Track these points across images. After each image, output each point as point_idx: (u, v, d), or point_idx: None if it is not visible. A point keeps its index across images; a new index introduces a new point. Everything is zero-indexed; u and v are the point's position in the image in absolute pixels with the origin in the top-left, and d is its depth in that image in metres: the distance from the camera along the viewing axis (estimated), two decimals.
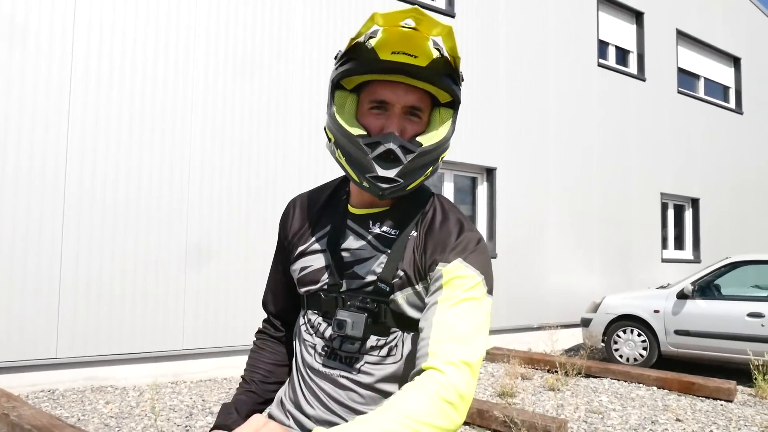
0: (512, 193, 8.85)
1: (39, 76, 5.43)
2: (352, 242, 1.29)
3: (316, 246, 1.33)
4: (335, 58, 1.24)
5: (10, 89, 5.30)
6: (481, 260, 1.19)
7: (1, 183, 5.23)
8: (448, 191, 8.47)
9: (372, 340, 1.24)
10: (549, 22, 9.58)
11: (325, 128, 1.27)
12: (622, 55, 11.25)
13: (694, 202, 12.21)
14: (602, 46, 10.68)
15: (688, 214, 12.27)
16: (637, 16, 11.30)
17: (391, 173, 1.15)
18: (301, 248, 1.36)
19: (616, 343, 7.88)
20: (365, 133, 1.20)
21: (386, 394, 1.25)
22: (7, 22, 5.32)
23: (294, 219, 1.41)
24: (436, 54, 1.17)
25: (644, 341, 7.63)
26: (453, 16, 8.35)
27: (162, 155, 6.01)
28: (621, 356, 7.80)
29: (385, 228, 1.27)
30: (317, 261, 1.31)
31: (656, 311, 7.58)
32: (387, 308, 1.23)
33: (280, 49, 6.80)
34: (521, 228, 8.91)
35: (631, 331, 7.76)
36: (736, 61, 13.67)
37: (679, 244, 12.14)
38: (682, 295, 7.47)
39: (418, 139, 1.20)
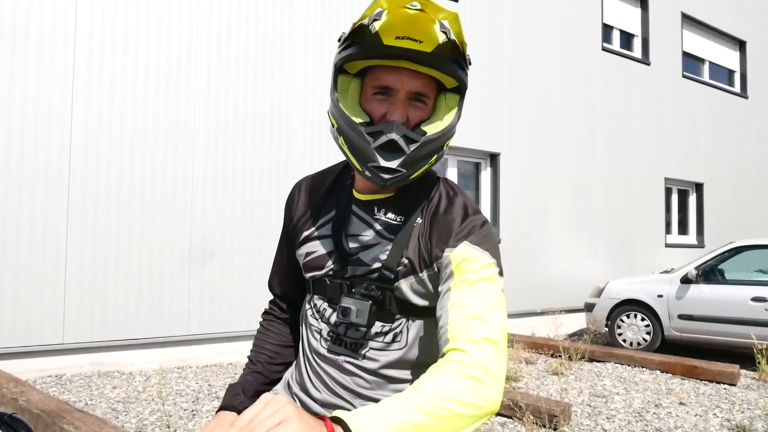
0: (516, 178, 8.83)
1: (42, 70, 5.43)
2: (357, 228, 1.28)
3: (321, 231, 1.32)
4: (339, 40, 1.21)
5: (14, 83, 5.30)
6: (488, 242, 1.18)
7: (7, 173, 5.24)
8: (451, 176, 8.45)
9: (377, 327, 1.24)
10: (553, 6, 9.51)
11: (328, 113, 1.25)
12: (627, 38, 11.17)
13: (698, 187, 12.18)
14: (606, 29, 10.61)
15: (692, 199, 12.24)
16: (642, 0, 11.21)
17: (394, 164, 1.13)
18: (306, 233, 1.35)
19: (619, 327, 7.90)
20: (368, 120, 1.18)
21: (391, 380, 1.26)
22: (11, 19, 5.30)
23: (299, 203, 1.40)
24: (442, 38, 1.13)
25: (648, 326, 7.65)
26: (456, 1, 8.29)
27: (165, 144, 6.01)
28: (624, 341, 7.82)
29: (390, 215, 1.26)
30: (322, 246, 1.31)
31: (660, 296, 7.59)
32: (392, 295, 1.23)
33: (282, 47, 6.77)
34: (525, 213, 8.91)
35: (635, 316, 7.78)
36: (741, 45, 13.56)
37: (683, 229, 12.13)
38: (685, 280, 7.48)
39: (422, 126, 1.18)
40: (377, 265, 1.23)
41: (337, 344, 1.28)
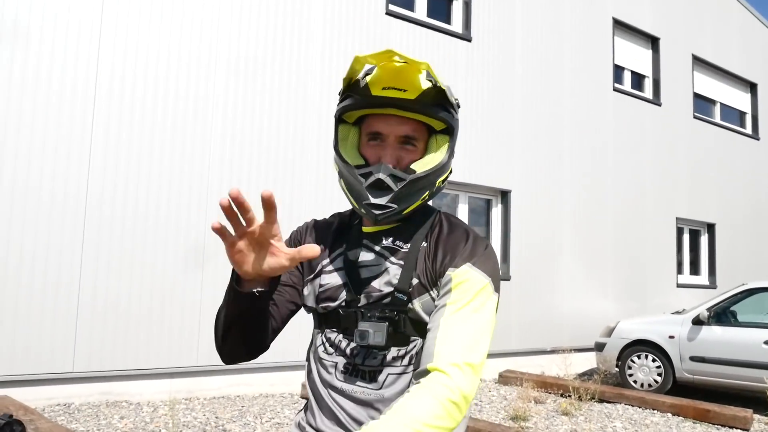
0: (527, 215, 8.85)
1: (64, 89, 5.57)
2: (367, 257, 1.34)
3: (334, 264, 1.38)
4: (339, 94, 1.34)
5: (37, 104, 5.44)
6: (488, 264, 1.27)
7: (24, 203, 5.34)
8: (462, 212, 8.50)
9: (393, 351, 1.27)
10: (565, 47, 9.65)
11: (334, 160, 1.38)
12: (638, 79, 11.29)
13: (710, 227, 12.13)
14: (618, 70, 10.73)
15: (704, 239, 12.19)
16: (653, 42, 11.35)
17: (383, 200, 1.25)
18: (319, 266, 1.39)
19: (630, 368, 7.81)
20: (363, 162, 1.31)
21: None
22: (36, 35, 5.47)
23: (308, 237, 1.47)
24: (426, 86, 1.24)
25: (659, 367, 7.56)
26: (469, 40, 8.45)
27: (181, 173, 6.10)
28: (635, 381, 7.73)
29: (398, 242, 1.34)
30: (335, 279, 1.35)
31: (671, 337, 7.52)
32: (406, 317, 1.27)
33: (300, 54, 6.92)
34: (535, 250, 8.91)
35: (646, 357, 7.70)
36: (752, 87, 13.65)
37: (695, 269, 12.05)
38: (697, 321, 7.41)
39: (413, 166, 1.30)
40: (389, 289, 1.29)
41: (354, 375, 1.29)
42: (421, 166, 1.29)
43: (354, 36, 7.35)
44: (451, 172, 1.38)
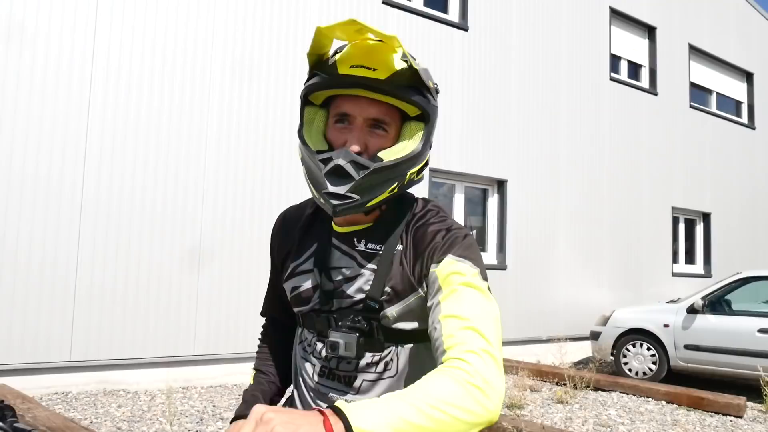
0: (523, 205, 8.87)
1: (60, 84, 5.55)
2: (338, 261, 1.28)
3: (304, 266, 1.32)
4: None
5: (32, 99, 5.42)
6: (470, 253, 1.17)
7: (21, 191, 5.33)
8: (458, 202, 8.51)
9: (367, 357, 1.23)
10: (561, 36, 9.63)
11: (298, 147, 1.27)
12: (635, 69, 11.28)
13: (706, 217, 12.17)
14: (614, 60, 10.72)
15: (699, 229, 12.23)
16: (650, 31, 11.34)
17: (342, 189, 1.12)
18: (290, 267, 1.35)
19: (625, 356, 7.87)
20: (326, 148, 1.20)
21: None
22: (31, 29, 5.44)
23: (281, 238, 1.42)
24: (400, 66, 1.14)
25: (654, 355, 7.61)
26: (466, 30, 8.43)
27: (177, 163, 6.10)
28: (630, 370, 7.78)
29: (370, 245, 1.26)
30: (306, 281, 1.31)
31: (666, 325, 7.56)
32: (378, 324, 1.22)
33: (296, 53, 6.90)
34: (532, 240, 8.93)
35: (641, 345, 7.75)
36: (748, 76, 13.65)
37: (690, 259, 12.10)
38: (692, 310, 7.46)
39: (380, 153, 1.17)
40: (361, 296, 1.23)
41: (330, 379, 1.28)
42: (389, 155, 1.17)
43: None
44: (426, 163, 1.25)
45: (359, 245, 1.26)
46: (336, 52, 1.18)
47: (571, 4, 9.81)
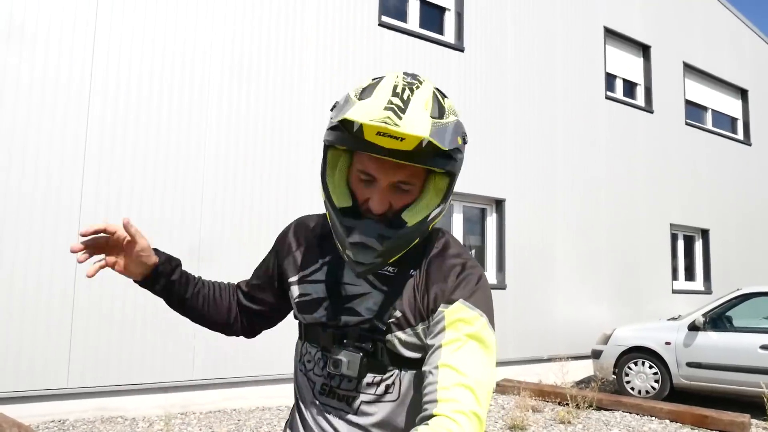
0: (521, 224, 8.87)
1: (59, 89, 5.57)
2: (350, 278, 1.27)
3: (316, 276, 1.33)
4: (331, 109, 1.22)
5: (31, 105, 5.43)
6: (483, 299, 1.18)
7: (17, 213, 5.31)
8: (456, 222, 8.51)
9: (368, 378, 1.23)
10: (557, 56, 9.71)
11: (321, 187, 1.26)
12: (630, 87, 11.36)
13: (704, 233, 12.17)
14: (610, 78, 10.79)
15: (698, 245, 12.23)
16: (644, 50, 11.43)
17: (367, 259, 1.16)
18: (300, 273, 1.36)
19: (627, 375, 7.81)
20: (350, 204, 1.20)
21: None
22: (30, 35, 5.47)
23: (294, 240, 1.42)
24: (425, 135, 1.09)
25: (656, 373, 7.56)
26: (462, 50, 8.49)
27: (175, 185, 6.09)
28: (632, 388, 7.72)
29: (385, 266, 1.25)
30: (315, 291, 1.31)
31: (667, 343, 7.52)
32: (383, 347, 1.22)
33: (294, 56, 6.95)
34: (530, 259, 8.91)
35: (643, 363, 7.70)
36: (743, 93, 13.75)
37: (690, 275, 12.08)
38: (693, 327, 7.42)
39: (403, 215, 1.18)
40: (369, 315, 1.23)
41: (330, 397, 1.28)
42: (413, 217, 1.17)
43: (347, 48, 7.38)
44: (444, 210, 1.23)
45: None
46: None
47: (565, 24, 9.90)
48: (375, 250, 1.14)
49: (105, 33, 5.87)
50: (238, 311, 1.54)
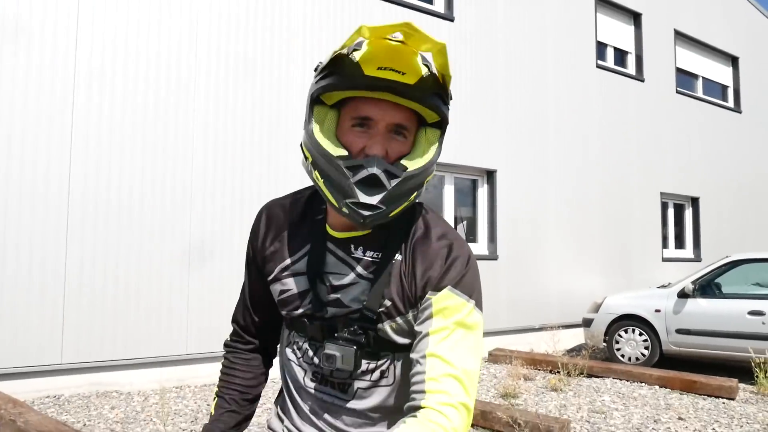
0: (513, 194, 8.88)
1: (44, 83, 5.48)
2: (334, 267, 1.23)
3: (296, 268, 1.27)
4: (315, 69, 1.16)
5: (15, 97, 5.35)
6: (470, 282, 1.16)
7: (6, 191, 5.27)
8: (448, 193, 8.50)
9: (363, 365, 1.21)
10: (547, 24, 9.62)
11: (301, 145, 1.19)
12: (621, 56, 11.29)
13: (694, 201, 12.24)
14: (601, 47, 10.72)
15: (688, 213, 12.30)
16: (635, 17, 11.34)
17: (374, 200, 1.08)
18: (278, 268, 1.29)
19: (617, 342, 7.91)
20: (346, 153, 1.11)
21: (379, 420, 1.25)
22: (12, 28, 5.37)
23: (266, 233, 1.34)
24: (424, 71, 1.10)
25: (646, 340, 7.66)
26: (452, 20, 8.39)
27: (165, 159, 6.04)
28: (623, 356, 7.82)
29: (368, 252, 1.21)
30: (297, 284, 1.26)
31: (657, 310, 7.60)
32: (375, 335, 1.19)
33: (281, 53, 6.85)
34: (522, 229, 8.94)
35: (633, 331, 7.79)
36: (734, 61, 13.71)
37: (680, 243, 12.17)
38: (683, 294, 7.50)
39: (403, 161, 1.12)
40: (357, 306, 1.19)
41: (323, 384, 1.26)
42: (413, 163, 1.12)
43: (336, 17, 7.27)
44: (434, 170, 1.22)
45: (356, 252, 1.22)
46: (354, 49, 1.08)
47: None
48: (384, 186, 1.08)
49: (88, 27, 5.74)
50: (265, 355, 1.50)
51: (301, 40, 7.01)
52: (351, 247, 1.22)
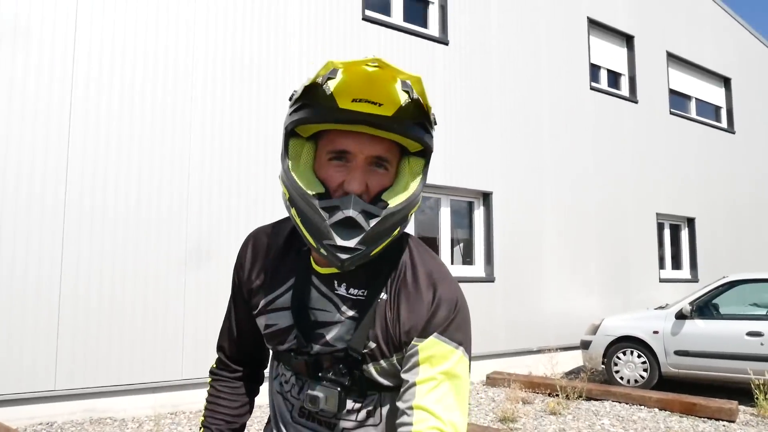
0: (509, 216, 8.89)
1: (41, 91, 5.50)
2: (318, 303, 1.19)
3: (280, 302, 1.23)
4: (290, 99, 1.10)
5: (12, 97, 5.36)
6: (458, 327, 1.12)
7: (2, 210, 5.24)
8: (444, 215, 8.51)
9: (348, 404, 1.18)
10: (541, 47, 9.71)
11: (280, 178, 1.13)
12: (614, 78, 11.39)
13: (690, 222, 12.27)
14: (594, 69, 10.82)
15: (685, 234, 12.31)
16: (628, 40, 11.47)
17: (352, 242, 1.02)
18: (263, 302, 1.25)
19: (616, 364, 7.86)
20: (323, 190, 1.06)
21: None
22: (10, 29, 5.39)
23: (251, 264, 1.30)
24: (404, 98, 1.00)
25: (644, 362, 7.61)
26: (446, 44, 8.47)
27: (161, 175, 6.04)
28: (622, 378, 7.77)
29: (352, 290, 1.16)
30: (282, 319, 1.22)
31: (655, 332, 7.57)
32: (361, 375, 1.16)
33: (278, 53, 6.91)
34: (518, 251, 8.94)
35: (631, 353, 7.75)
36: (726, 81, 13.84)
37: (677, 264, 12.17)
38: (680, 316, 7.48)
39: (384, 196, 1.07)
40: (342, 345, 1.16)
41: (309, 420, 1.24)
42: (395, 198, 1.06)
43: (331, 42, 7.34)
44: (420, 201, 1.15)
45: (339, 289, 1.17)
46: (328, 78, 0.99)
47: (549, 15, 9.91)
48: (362, 228, 1.02)
49: (86, 30, 5.79)
50: (252, 382, 1.48)
51: (297, 41, 7.07)
52: (334, 284, 1.18)
